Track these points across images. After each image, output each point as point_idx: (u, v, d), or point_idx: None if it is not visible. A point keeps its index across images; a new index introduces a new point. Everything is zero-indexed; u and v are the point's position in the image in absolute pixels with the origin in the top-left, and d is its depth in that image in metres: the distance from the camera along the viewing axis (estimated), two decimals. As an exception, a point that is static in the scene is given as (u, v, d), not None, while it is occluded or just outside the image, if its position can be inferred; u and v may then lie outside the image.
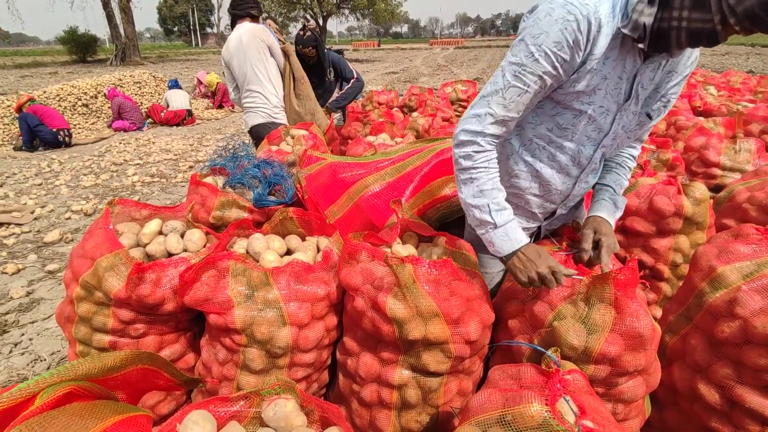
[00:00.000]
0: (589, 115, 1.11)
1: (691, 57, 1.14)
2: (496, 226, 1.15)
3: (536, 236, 1.47)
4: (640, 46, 0.99)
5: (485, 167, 1.15)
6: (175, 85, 9.10)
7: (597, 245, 1.22)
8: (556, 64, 1.01)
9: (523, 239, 1.15)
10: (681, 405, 1.29)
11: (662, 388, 1.34)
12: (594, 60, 1.02)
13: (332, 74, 3.75)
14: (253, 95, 3.16)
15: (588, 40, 0.98)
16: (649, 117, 1.19)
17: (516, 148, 1.26)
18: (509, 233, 1.15)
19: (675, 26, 0.92)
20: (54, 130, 6.49)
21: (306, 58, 3.48)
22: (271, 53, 3.15)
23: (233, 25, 3.17)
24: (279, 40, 3.21)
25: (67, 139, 6.65)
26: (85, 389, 0.75)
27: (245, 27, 3.06)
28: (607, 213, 1.27)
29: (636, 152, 1.37)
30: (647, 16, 0.94)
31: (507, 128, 1.14)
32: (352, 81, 3.77)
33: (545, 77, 1.03)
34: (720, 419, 1.17)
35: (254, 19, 3.15)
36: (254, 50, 3.06)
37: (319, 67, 3.62)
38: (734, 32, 0.88)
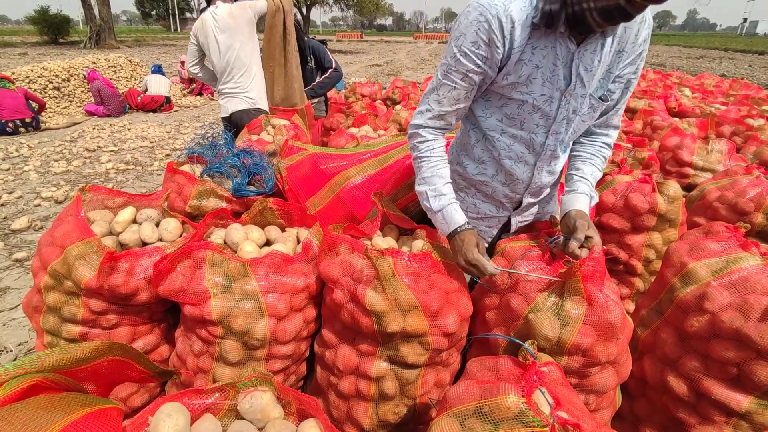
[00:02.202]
0: (531, 105, 1.16)
1: (640, 36, 1.13)
2: (434, 212, 1.25)
3: (506, 227, 1.49)
4: (551, 30, 1.04)
5: (426, 156, 1.25)
6: (157, 70, 8.84)
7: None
8: (478, 62, 1.09)
9: (458, 222, 1.21)
10: (650, 396, 1.33)
11: (633, 379, 1.38)
12: (517, 53, 1.07)
13: (312, 62, 3.69)
14: (238, 80, 3.05)
15: (504, 36, 1.04)
16: (603, 99, 1.20)
17: (476, 139, 1.32)
18: (446, 217, 1.23)
19: (585, 8, 0.96)
20: (2, 121, 6.10)
21: None
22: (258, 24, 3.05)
23: (208, 3, 3.02)
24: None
25: (22, 129, 6.32)
26: (52, 381, 0.72)
27: (225, 7, 2.90)
28: (586, 209, 1.27)
29: (609, 139, 1.35)
30: (552, 3, 0.99)
31: (446, 122, 1.24)
32: (330, 71, 3.70)
33: (470, 75, 1.12)
34: (687, 410, 1.21)
35: None
36: (240, 34, 2.94)
37: (299, 53, 3.55)
38: (642, 5, 0.91)
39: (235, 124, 3.12)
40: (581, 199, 1.26)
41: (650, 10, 1.11)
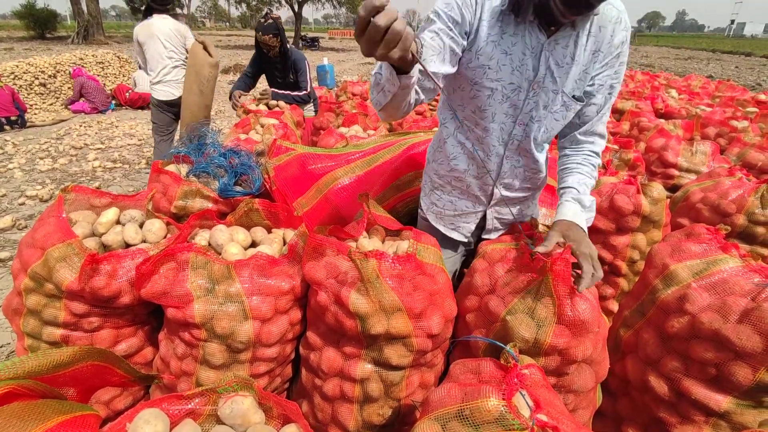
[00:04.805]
0: (501, 93, 1.18)
1: (616, 37, 1.13)
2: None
3: (483, 224, 1.51)
4: (520, 18, 1.08)
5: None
6: None
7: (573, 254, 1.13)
8: (448, 23, 1.10)
9: None
10: (632, 395, 1.35)
11: (615, 379, 1.39)
12: (485, 28, 1.12)
13: (293, 77, 3.49)
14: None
15: (475, 3, 1.10)
16: (579, 100, 1.19)
17: (452, 130, 1.35)
18: None
19: None
20: None
21: (266, 48, 3.25)
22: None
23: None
24: None
25: (7, 127, 6.22)
26: (27, 388, 0.71)
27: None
28: (573, 214, 1.22)
29: (596, 147, 1.33)
30: None
31: None
32: (302, 94, 3.51)
33: (440, 33, 1.10)
34: (668, 409, 1.23)
35: None
36: None
37: (282, 62, 3.40)
38: None
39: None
40: (563, 209, 1.24)
41: (626, 12, 1.12)
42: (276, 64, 3.42)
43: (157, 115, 3.80)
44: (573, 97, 1.19)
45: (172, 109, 3.77)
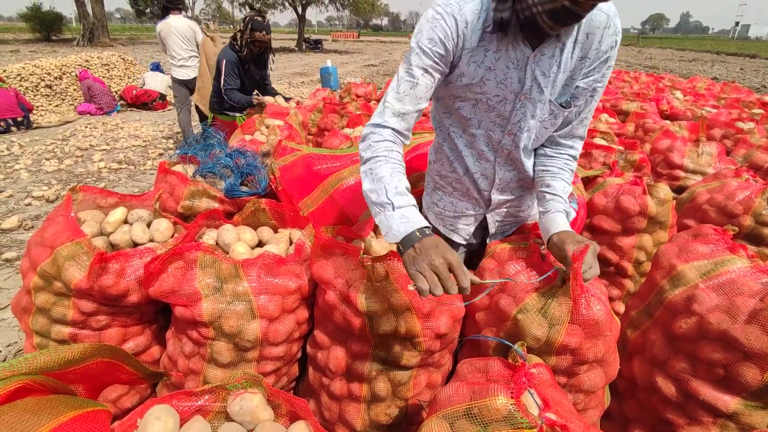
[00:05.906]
0: (486, 103, 1.18)
1: (604, 42, 1.09)
2: (393, 207, 1.01)
3: (485, 228, 1.51)
4: (505, 35, 1.07)
5: (385, 156, 1.08)
6: (156, 68, 9.06)
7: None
8: (435, 59, 1.09)
9: (422, 222, 1.01)
10: (639, 397, 1.34)
11: (622, 380, 1.39)
12: (468, 53, 1.10)
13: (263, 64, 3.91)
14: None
15: (457, 35, 1.07)
16: (565, 106, 1.18)
17: (443, 138, 1.35)
18: (408, 215, 1.01)
19: (535, 12, 0.97)
20: None
21: (260, 46, 3.58)
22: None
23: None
24: None
25: (14, 128, 6.27)
26: (39, 383, 0.71)
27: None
28: (566, 224, 1.21)
29: (575, 152, 1.31)
30: (503, 11, 1.01)
31: (406, 123, 1.14)
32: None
33: (430, 70, 1.10)
34: (675, 411, 1.22)
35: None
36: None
37: (262, 55, 3.73)
38: (588, 4, 0.91)
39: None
40: (558, 220, 1.20)
41: (618, 17, 1.09)
42: (257, 61, 3.74)
43: (177, 89, 5.09)
44: (560, 104, 1.18)
45: (188, 86, 5.03)
